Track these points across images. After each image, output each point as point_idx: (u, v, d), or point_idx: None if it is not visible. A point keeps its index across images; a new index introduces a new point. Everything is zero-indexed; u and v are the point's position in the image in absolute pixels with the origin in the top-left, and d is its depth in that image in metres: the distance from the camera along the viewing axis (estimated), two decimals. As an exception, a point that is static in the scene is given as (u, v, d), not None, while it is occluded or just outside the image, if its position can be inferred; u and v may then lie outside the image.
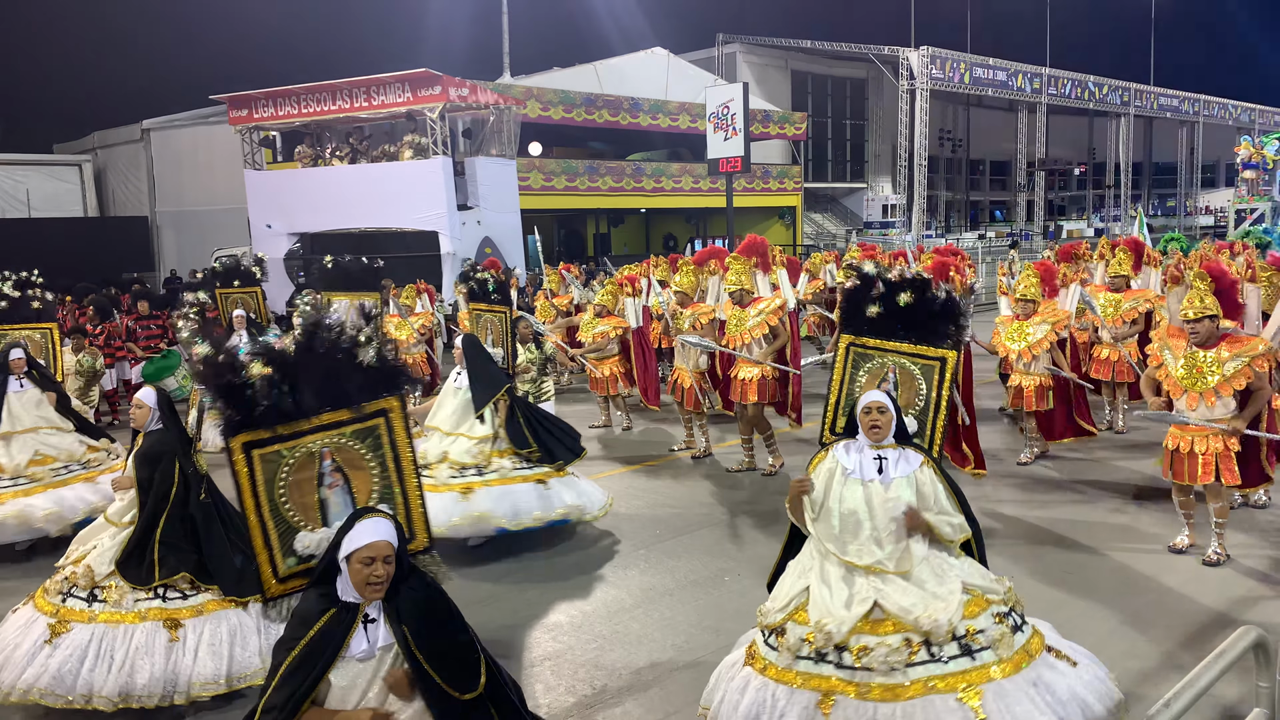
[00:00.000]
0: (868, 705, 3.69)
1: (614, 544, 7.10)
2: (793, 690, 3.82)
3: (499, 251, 22.29)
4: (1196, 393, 5.94)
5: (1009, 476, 8.35)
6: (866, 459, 4.03)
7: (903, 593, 3.86)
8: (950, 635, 3.77)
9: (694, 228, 38.00)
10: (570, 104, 30.78)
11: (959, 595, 3.85)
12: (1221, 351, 5.91)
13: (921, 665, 3.73)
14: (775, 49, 44.51)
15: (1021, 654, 3.81)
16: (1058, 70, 47.49)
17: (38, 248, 23.48)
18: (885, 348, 4.52)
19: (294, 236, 22.34)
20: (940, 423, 4.41)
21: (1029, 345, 8.25)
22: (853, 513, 3.97)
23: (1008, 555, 6.31)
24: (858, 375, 4.58)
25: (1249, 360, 5.85)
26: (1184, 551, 6.35)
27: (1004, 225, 50.51)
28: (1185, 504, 6.39)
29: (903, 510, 3.93)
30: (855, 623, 3.82)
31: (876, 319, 4.51)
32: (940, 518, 3.98)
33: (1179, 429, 6.08)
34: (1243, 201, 26.10)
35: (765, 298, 8.63)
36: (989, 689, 3.67)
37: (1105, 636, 5.09)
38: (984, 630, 3.80)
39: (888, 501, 3.94)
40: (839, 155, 48.70)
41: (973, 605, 3.87)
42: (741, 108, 27.70)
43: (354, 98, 21.37)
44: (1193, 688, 3.02)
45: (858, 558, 3.94)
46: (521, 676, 5.02)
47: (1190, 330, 6.00)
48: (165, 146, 30.73)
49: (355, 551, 2.97)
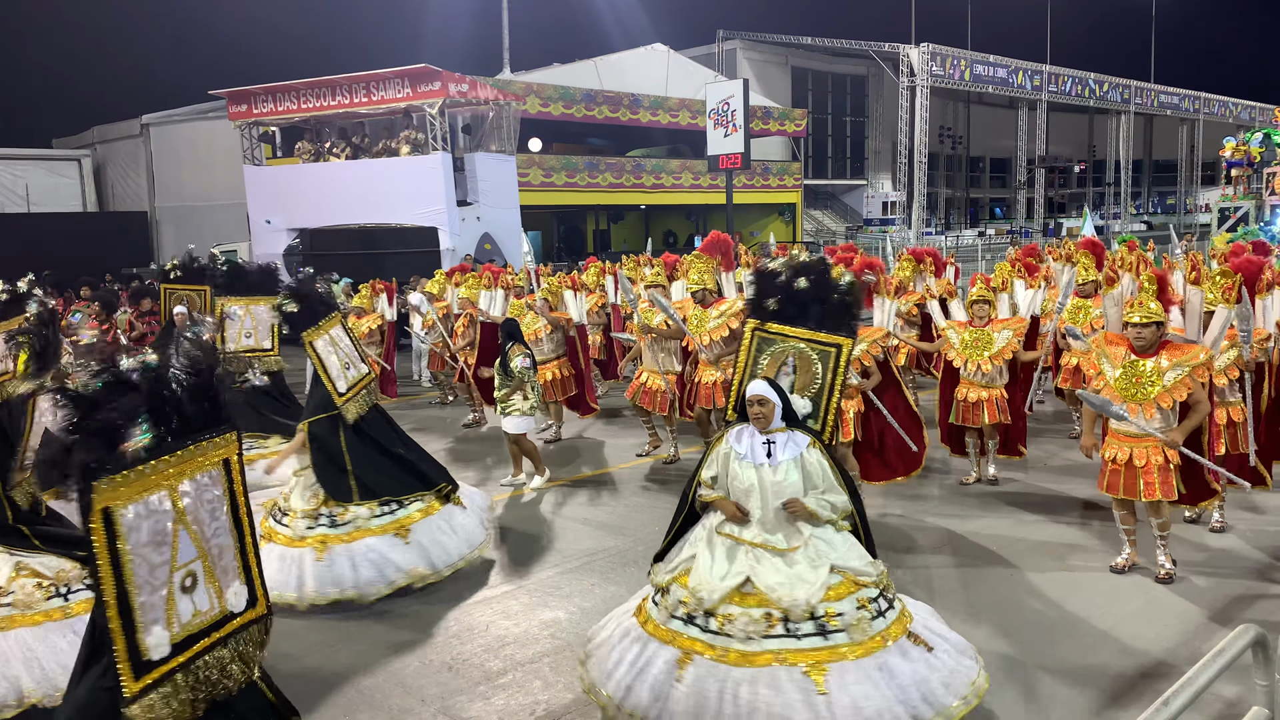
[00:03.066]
0: (721, 667, 4.01)
1: (614, 541, 7.11)
2: (661, 645, 4.21)
3: (498, 248, 22.26)
4: (1136, 403, 5.60)
5: (983, 494, 8.33)
6: (756, 443, 4.33)
7: (774, 571, 4.16)
8: (808, 615, 4.06)
9: (694, 224, 37.97)
10: (570, 100, 30.74)
11: (824, 579, 4.13)
12: (1161, 360, 5.59)
13: (777, 639, 4.03)
14: (775, 45, 44.48)
15: (877, 639, 4.07)
16: (1058, 67, 47.48)
17: (36, 243, 23.48)
18: (787, 333, 4.73)
19: (293, 232, 22.28)
20: (834, 405, 4.64)
21: (991, 355, 7.63)
22: (746, 493, 4.29)
23: (985, 574, 6.30)
24: (760, 359, 4.78)
25: (1189, 370, 5.54)
26: (1125, 572, 5.97)
27: (1004, 223, 50.50)
28: (1125, 519, 6.00)
29: (793, 493, 4.21)
30: (726, 593, 4.14)
31: (779, 308, 4.72)
32: (823, 499, 4.24)
33: (1117, 439, 5.77)
34: (1226, 200, 25.85)
35: (728, 299, 8.38)
36: (835, 667, 3.95)
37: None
38: (843, 614, 4.08)
39: (776, 483, 4.24)
40: (839, 152, 48.70)
41: (841, 588, 4.15)
42: (741, 104, 27.67)
43: (353, 93, 21.32)
44: (1191, 686, 3.01)
45: (744, 534, 4.26)
46: (521, 673, 5.04)
47: (1136, 335, 5.65)
48: (164, 142, 30.68)
49: None
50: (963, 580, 6.07)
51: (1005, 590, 5.89)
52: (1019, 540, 6.72)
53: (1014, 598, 5.77)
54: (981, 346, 7.71)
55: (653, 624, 4.30)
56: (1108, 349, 5.81)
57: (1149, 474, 5.64)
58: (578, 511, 7.91)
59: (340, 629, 5.62)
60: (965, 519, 7.22)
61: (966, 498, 7.77)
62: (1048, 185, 51.03)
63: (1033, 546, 6.58)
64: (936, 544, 6.74)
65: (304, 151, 22.40)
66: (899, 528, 7.07)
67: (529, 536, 7.25)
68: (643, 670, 4.17)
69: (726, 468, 4.37)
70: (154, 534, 2.55)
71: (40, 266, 19.56)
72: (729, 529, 4.31)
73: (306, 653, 5.33)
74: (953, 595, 5.79)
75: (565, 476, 8.93)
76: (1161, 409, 5.57)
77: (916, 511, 7.43)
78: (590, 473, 8.98)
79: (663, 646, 4.18)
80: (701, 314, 8.34)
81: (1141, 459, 5.66)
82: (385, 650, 5.34)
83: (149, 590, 2.53)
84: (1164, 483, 5.63)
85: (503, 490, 8.37)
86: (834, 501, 4.25)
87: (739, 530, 4.28)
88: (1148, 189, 60.79)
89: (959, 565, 6.32)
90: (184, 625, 2.63)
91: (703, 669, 4.03)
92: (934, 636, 4.25)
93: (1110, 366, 5.73)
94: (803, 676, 3.92)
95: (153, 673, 2.56)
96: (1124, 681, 4.71)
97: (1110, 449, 5.82)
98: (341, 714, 4.68)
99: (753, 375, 4.68)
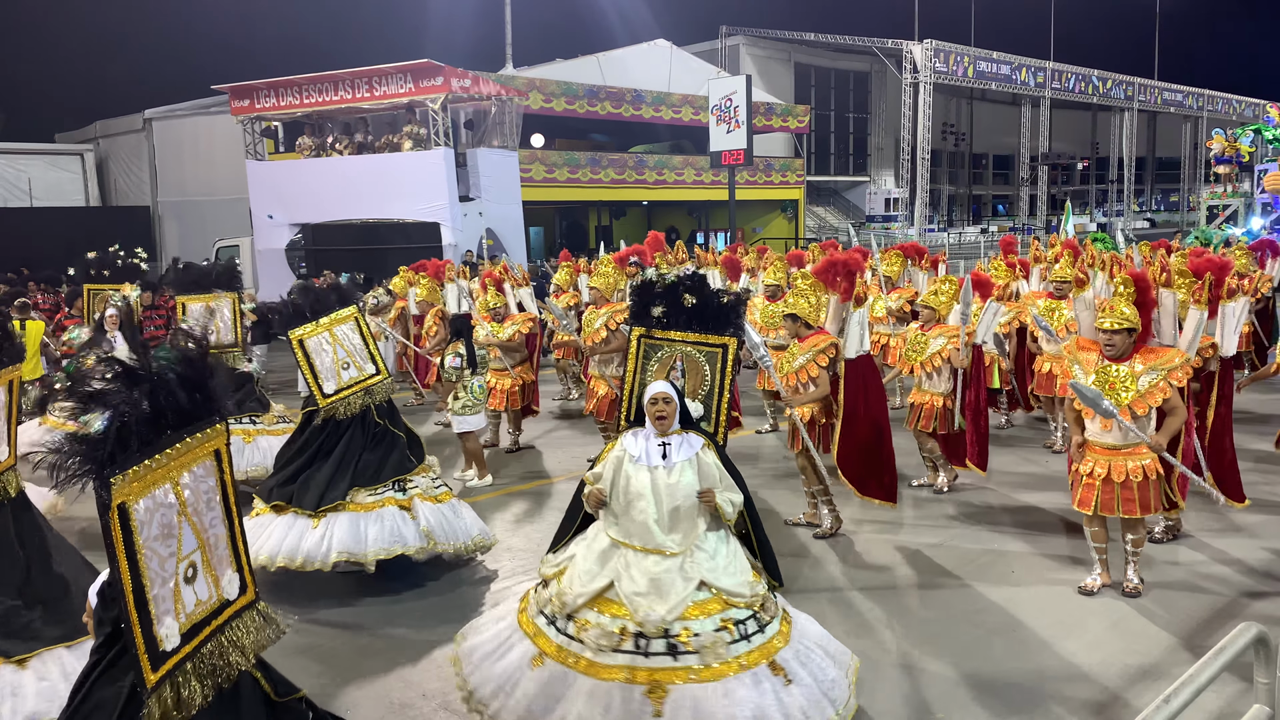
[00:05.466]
0: (569, 674, 3.96)
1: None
2: (523, 638, 4.18)
3: (500, 244, 22.27)
4: None
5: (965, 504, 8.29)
6: (652, 446, 4.27)
7: (636, 581, 4.06)
8: (661, 632, 3.94)
9: (696, 220, 37.96)
10: (573, 96, 30.73)
11: (689, 594, 4.01)
12: (1135, 365, 5.33)
13: (626, 654, 3.93)
14: (778, 41, 44.43)
15: (732, 664, 3.91)
16: (1061, 64, 47.41)
17: (38, 237, 23.51)
18: (673, 338, 4.75)
19: (295, 227, 22.30)
20: (725, 406, 4.63)
21: (922, 360, 7.37)
22: (639, 496, 4.18)
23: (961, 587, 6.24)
24: (649, 365, 4.78)
25: (1165, 375, 5.27)
26: (1094, 593, 5.64)
27: (1006, 220, 50.45)
28: (1097, 536, 5.69)
29: (686, 494, 4.14)
30: (589, 598, 4.08)
31: (663, 315, 4.74)
32: (723, 495, 4.18)
33: (1094, 452, 5.48)
34: (1215, 198, 25.54)
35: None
36: (677, 690, 3.84)
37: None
38: (699, 634, 3.94)
39: (670, 485, 4.15)
40: (842, 149, 48.65)
41: (709, 605, 4.02)
42: (744, 100, 27.64)
43: (356, 88, 21.33)
44: (1192, 684, 3.01)
45: (627, 537, 4.16)
46: (521, 668, 5.04)
47: (1106, 343, 5.38)
48: (167, 136, 30.69)
49: None
50: (922, 601, 5.77)
51: (960, 606, 5.64)
52: (984, 554, 6.43)
53: (969, 614, 5.53)
54: (919, 350, 7.42)
55: (524, 616, 4.28)
56: (1079, 355, 5.57)
57: (1128, 489, 5.36)
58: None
59: (341, 622, 5.62)
60: (922, 531, 6.89)
61: (926, 508, 7.46)
62: (1051, 182, 50.97)
63: (995, 558, 6.32)
64: (893, 561, 6.41)
65: (306, 147, 22.40)
66: (852, 539, 6.76)
67: (534, 530, 7.25)
68: (501, 657, 4.16)
69: (619, 471, 4.26)
70: (162, 527, 2.64)
71: (42, 261, 19.63)
72: (614, 530, 4.22)
73: (307, 647, 5.34)
74: (909, 615, 5.53)
75: (572, 472, 8.94)
76: (1136, 416, 5.31)
77: (876, 523, 7.05)
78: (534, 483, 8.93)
79: (524, 640, 4.18)
80: (592, 313, 8.38)
81: (1120, 474, 5.37)
82: (386, 645, 5.35)
83: (160, 583, 2.62)
84: (1146, 497, 5.37)
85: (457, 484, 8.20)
86: (734, 499, 4.21)
87: (622, 533, 4.18)
88: (1151, 186, 60.72)
89: (920, 585, 6.01)
90: (189, 615, 2.74)
91: (553, 672, 3.98)
92: (800, 669, 4.01)
93: (1082, 373, 5.47)
94: (642, 697, 3.83)
95: (167, 663, 2.64)
96: (1122, 679, 4.71)
97: (1086, 463, 5.52)
98: (343, 709, 4.69)
99: (643, 382, 4.66)
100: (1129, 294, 5.42)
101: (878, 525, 7.04)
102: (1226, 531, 6.66)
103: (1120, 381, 5.33)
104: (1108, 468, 5.42)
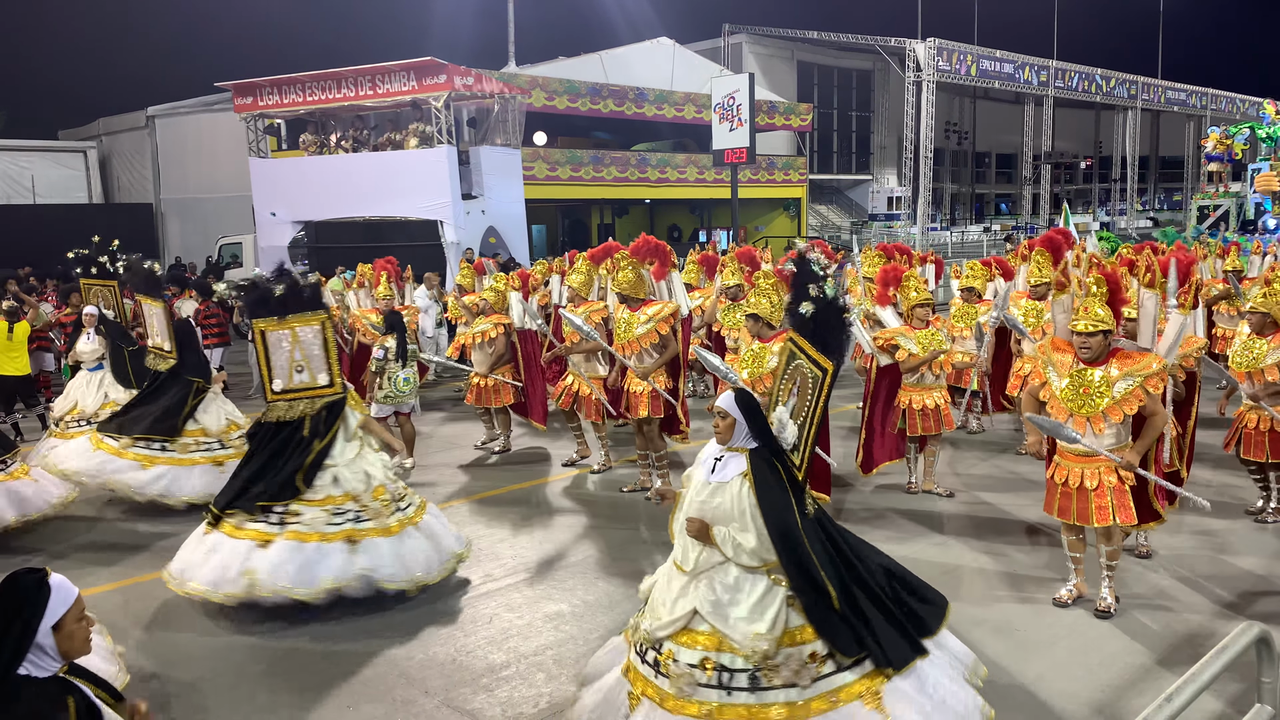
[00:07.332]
0: (659, 713, 3.74)
1: (618, 535, 7.12)
2: (620, 678, 4.00)
3: (503, 241, 22.27)
4: (1084, 417, 5.15)
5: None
6: (710, 457, 4.01)
7: (661, 586, 3.95)
8: (652, 644, 3.85)
9: (698, 219, 37.94)
10: (575, 94, 30.70)
11: (683, 618, 3.80)
12: (1111, 370, 5.12)
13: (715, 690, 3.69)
14: (781, 40, 44.36)
15: (691, 704, 3.71)
16: (1064, 63, 47.29)
17: (42, 234, 23.52)
18: (805, 349, 4.33)
19: (298, 224, 22.30)
20: (812, 438, 4.14)
21: None
22: (682, 504, 4.02)
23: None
24: (784, 376, 4.49)
25: (1141, 380, 5.07)
26: (1069, 605, 5.50)
27: (1009, 218, 50.36)
28: (1074, 545, 5.54)
29: (711, 517, 3.84)
30: (673, 629, 3.82)
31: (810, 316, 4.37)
32: (729, 534, 3.79)
33: (1066, 458, 5.31)
34: (1205, 198, 25.29)
35: (657, 301, 7.70)
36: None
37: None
38: (677, 661, 3.78)
39: (700, 502, 3.89)
40: (844, 147, 48.57)
41: (700, 638, 3.78)
42: (747, 98, 27.60)
43: (359, 86, 21.33)
44: (1194, 683, 3.02)
45: (678, 555, 3.96)
46: (524, 665, 5.05)
47: (1081, 345, 5.18)
48: (170, 133, 30.72)
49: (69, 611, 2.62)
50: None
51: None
52: (959, 566, 6.31)
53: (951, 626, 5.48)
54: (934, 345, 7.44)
55: (630, 649, 4.05)
56: (1054, 356, 5.37)
57: (1101, 497, 5.16)
58: (581, 505, 7.93)
59: (342, 621, 5.63)
60: (901, 541, 6.67)
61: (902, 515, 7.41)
62: (1053, 181, 50.86)
63: (973, 573, 6.19)
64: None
65: (309, 144, 22.41)
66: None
67: (532, 529, 7.27)
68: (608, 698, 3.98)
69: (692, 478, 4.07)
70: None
71: (45, 258, 19.66)
72: (678, 550, 3.93)
73: (309, 644, 5.35)
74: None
75: (570, 470, 8.95)
76: (1112, 423, 5.14)
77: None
78: (596, 467, 8.97)
79: (623, 680, 3.98)
80: (630, 318, 7.62)
81: (1093, 480, 5.18)
82: (388, 642, 5.36)
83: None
84: (1120, 506, 5.17)
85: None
86: (740, 541, 3.74)
87: (680, 554, 3.90)
88: (1154, 185, 60.58)
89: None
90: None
91: (652, 714, 3.76)
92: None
93: (1057, 375, 5.30)
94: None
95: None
96: (1122, 677, 4.71)
97: (1060, 472, 5.34)
98: (345, 705, 4.70)
99: (776, 394, 4.40)
100: (1101, 294, 5.25)
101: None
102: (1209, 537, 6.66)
103: (1095, 387, 5.13)
104: (1080, 475, 5.25)
